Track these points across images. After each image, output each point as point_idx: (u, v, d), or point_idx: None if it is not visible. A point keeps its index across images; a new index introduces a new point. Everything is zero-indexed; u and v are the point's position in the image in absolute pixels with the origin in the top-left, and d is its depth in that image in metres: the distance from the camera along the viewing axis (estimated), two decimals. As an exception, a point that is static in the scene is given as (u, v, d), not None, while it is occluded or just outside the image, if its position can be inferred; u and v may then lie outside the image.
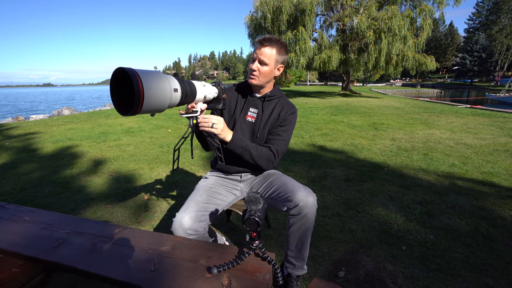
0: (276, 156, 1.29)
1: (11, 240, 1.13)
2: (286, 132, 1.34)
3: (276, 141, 1.31)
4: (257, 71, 1.27)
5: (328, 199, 2.38)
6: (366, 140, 4.56)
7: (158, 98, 0.82)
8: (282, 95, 1.42)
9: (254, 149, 1.24)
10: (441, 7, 13.51)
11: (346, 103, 11.55)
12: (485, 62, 38.90)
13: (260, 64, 1.26)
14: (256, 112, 1.38)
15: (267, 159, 1.28)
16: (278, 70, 1.32)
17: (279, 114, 1.36)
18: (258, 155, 1.25)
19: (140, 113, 0.81)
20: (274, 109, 1.37)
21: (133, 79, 0.75)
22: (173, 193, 2.55)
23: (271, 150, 1.29)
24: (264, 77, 1.29)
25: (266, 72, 1.27)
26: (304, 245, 1.27)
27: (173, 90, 0.89)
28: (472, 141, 4.39)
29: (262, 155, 1.26)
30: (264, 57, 1.24)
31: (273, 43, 1.25)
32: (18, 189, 2.65)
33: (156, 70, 0.90)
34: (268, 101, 1.38)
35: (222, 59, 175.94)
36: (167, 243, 1.09)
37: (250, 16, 15.18)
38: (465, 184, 2.68)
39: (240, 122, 1.37)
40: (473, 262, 1.57)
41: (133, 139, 4.83)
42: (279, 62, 1.29)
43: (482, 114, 7.48)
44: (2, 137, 5.26)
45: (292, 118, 1.37)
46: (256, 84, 1.32)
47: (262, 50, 1.24)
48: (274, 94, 1.38)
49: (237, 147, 1.19)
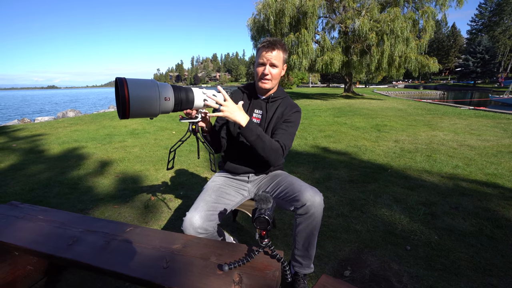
0: (284, 149, 1.28)
1: (27, 238, 1.17)
2: (291, 128, 1.34)
3: (281, 135, 1.31)
4: (269, 75, 1.30)
5: (333, 200, 2.40)
6: (369, 142, 4.58)
7: (144, 105, 0.93)
8: (285, 96, 1.45)
9: (268, 139, 1.22)
10: (444, 8, 13.53)
11: (349, 105, 11.56)
12: (488, 63, 38.73)
13: (271, 67, 1.30)
14: (261, 113, 1.41)
15: (277, 152, 1.26)
16: (283, 69, 1.38)
17: (282, 112, 1.39)
18: (270, 146, 1.23)
19: (131, 117, 0.93)
20: (277, 108, 1.40)
21: (120, 88, 0.87)
22: (179, 194, 2.58)
23: (279, 143, 1.28)
24: (276, 80, 1.34)
25: (277, 75, 1.32)
26: (311, 244, 1.30)
27: (163, 99, 0.97)
28: (476, 142, 4.40)
29: (273, 147, 1.24)
30: (275, 60, 1.28)
31: (279, 46, 1.29)
32: (27, 189, 2.70)
33: (151, 79, 0.98)
34: (272, 102, 1.41)
35: (224, 61, 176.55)
36: (178, 242, 1.12)
37: (253, 18, 15.28)
38: (469, 185, 2.69)
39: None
40: (478, 262, 1.58)
41: (138, 141, 4.88)
42: (285, 62, 1.35)
43: (485, 116, 7.47)
44: (9, 139, 5.33)
45: (296, 116, 1.39)
46: (270, 88, 1.35)
47: (272, 53, 1.27)
48: (278, 95, 1.42)
49: (252, 134, 1.16)
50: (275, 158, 1.27)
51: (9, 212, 1.37)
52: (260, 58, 1.30)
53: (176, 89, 1.03)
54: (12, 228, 1.23)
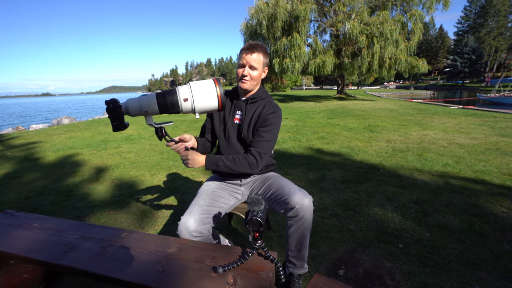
0: (258, 158, 1.33)
1: (22, 246, 1.17)
2: (268, 133, 1.37)
3: (257, 143, 1.35)
4: (248, 76, 1.35)
5: (327, 201, 2.44)
6: (362, 142, 4.64)
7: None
8: (267, 96, 1.47)
9: (230, 162, 1.32)
10: (430, 11, 13.85)
11: (342, 106, 11.70)
12: (475, 63, 39.63)
13: (251, 69, 1.35)
14: (241, 114, 1.45)
15: (247, 165, 1.32)
16: (264, 72, 1.43)
17: (259, 115, 1.42)
18: (236, 165, 1.32)
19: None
20: (255, 110, 1.44)
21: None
22: (175, 198, 2.59)
23: (252, 153, 1.33)
24: (254, 81, 1.38)
25: (256, 76, 1.37)
26: (303, 245, 1.32)
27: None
28: (465, 140, 4.50)
29: (240, 164, 1.32)
30: (254, 62, 1.33)
31: (259, 49, 1.35)
32: (22, 198, 2.68)
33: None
34: (252, 103, 1.45)
35: (218, 66, 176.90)
36: (173, 245, 1.14)
37: (246, 23, 15.40)
38: (458, 182, 2.76)
39: (229, 124, 1.46)
40: (467, 257, 1.63)
41: (133, 147, 4.87)
42: (265, 65, 1.40)
43: (474, 114, 7.64)
44: (3, 147, 5.27)
45: (272, 118, 1.39)
46: (247, 88, 1.39)
47: (251, 56, 1.33)
48: (258, 95, 1.45)
49: (212, 167, 1.31)
50: (249, 170, 1.34)
51: (4, 220, 1.37)
52: (241, 60, 1.36)
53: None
54: (8, 237, 1.24)
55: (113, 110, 1.06)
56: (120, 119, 1.08)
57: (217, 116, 1.50)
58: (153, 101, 1.09)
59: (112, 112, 1.07)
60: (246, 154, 1.36)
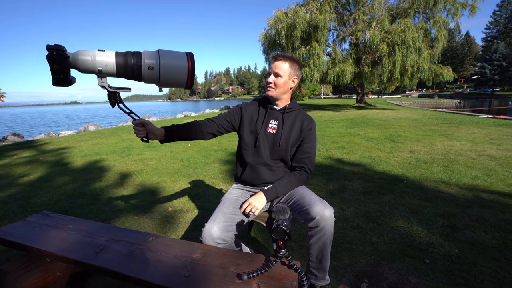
0: (309, 173, 1.48)
1: (58, 245, 1.25)
2: (311, 148, 1.48)
3: (307, 159, 1.47)
4: (272, 83, 1.38)
5: (348, 212, 2.39)
6: (383, 153, 4.52)
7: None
8: (299, 108, 1.51)
9: (287, 184, 1.42)
10: (456, 18, 13.40)
11: (362, 116, 11.46)
12: (506, 70, 37.53)
13: (275, 77, 1.38)
14: (277, 123, 1.47)
15: (301, 180, 1.46)
16: (293, 81, 1.42)
17: (301, 127, 1.45)
18: (293, 185, 1.44)
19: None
20: (295, 121, 1.46)
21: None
22: (195, 205, 2.65)
23: (304, 170, 1.46)
24: (280, 88, 1.39)
25: (281, 84, 1.38)
26: (325, 257, 1.31)
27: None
28: (496, 152, 4.26)
29: (297, 181, 1.45)
30: (279, 69, 1.36)
31: (286, 58, 1.38)
32: (54, 200, 2.84)
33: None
34: (288, 113, 1.47)
35: (237, 75, 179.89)
36: (197, 251, 1.17)
37: (265, 33, 15.67)
38: (489, 196, 2.61)
39: (262, 134, 1.46)
40: (502, 277, 1.53)
41: (155, 153, 5.04)
42: (293, 74, 1.40)
43: (505, 124, 7.21)
44: (37, 152, 5.64)
45: (312, 133, 1.48)
46: (273, 96, 1.42)
47: (276, 63, 1.37)
48: (292, 106, 1.48)
49: (274, 196, 1.39)
50: (303, 184, 1.50)
51: (41, 221, 1.48)
52: (268, 69, 1.43)
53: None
54: (45, 236, 1.32)
55: (57, 59, 0.84)
56: (65, 72, 0.87)
57: (247, 125, 1.49)
58: (111, 60, 0.92)
59: (56, 61, 0.84)
60: (299, 172, 1.46)
